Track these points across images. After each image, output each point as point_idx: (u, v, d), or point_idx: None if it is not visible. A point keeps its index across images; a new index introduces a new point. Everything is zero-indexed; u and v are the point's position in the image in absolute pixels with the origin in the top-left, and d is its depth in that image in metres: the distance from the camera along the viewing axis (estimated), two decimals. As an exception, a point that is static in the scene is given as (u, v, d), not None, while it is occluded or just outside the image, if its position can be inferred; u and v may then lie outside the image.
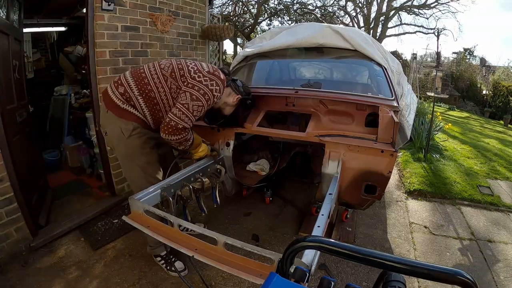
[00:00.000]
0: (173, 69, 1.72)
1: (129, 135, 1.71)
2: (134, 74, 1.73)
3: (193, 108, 1.66)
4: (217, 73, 1.77)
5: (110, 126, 1.75)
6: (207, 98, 1.69)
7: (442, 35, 13.84)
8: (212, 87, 1.71)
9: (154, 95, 1.71)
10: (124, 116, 1.69)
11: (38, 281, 1.84)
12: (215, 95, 1.73)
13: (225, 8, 13.38)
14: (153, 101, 1.72)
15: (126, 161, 1.82)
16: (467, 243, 2.43)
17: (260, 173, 2.67)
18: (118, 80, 1.75)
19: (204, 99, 1.68)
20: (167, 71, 1.72)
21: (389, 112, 1.88)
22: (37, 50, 4.32)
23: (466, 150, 4.82)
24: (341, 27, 2.65)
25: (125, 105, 1.70)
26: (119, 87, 1.71)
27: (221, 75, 1.79)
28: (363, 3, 14.72)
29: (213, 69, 1.78)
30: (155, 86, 1.71)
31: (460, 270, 0.50)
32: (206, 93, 1.68)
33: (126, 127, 1.70)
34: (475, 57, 17.10)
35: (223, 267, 1.15)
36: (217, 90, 1.73)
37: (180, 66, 1.74)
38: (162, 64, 1.76)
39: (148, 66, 1.77)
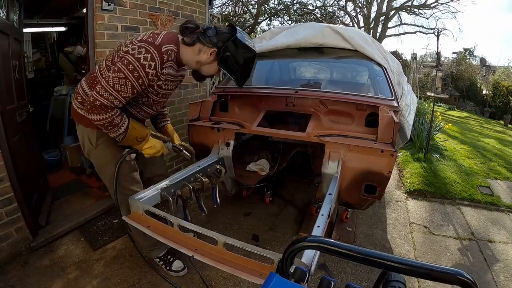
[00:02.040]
0: (113, 52, 1.51)
1: (96, 145, 1.61)
2: (87, 78, 1.60)
3: (113, 81, 1.37)
4: (151, 39, 1.43)
5: (81, 138, 1.65)
6: (131, 68, 1.38)
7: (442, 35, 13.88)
8: (140, 55, 1.38)
9: None
10: (88, 124, 1.56)
11: (38, 281, 1.84)
12: (144, 64, 1.38)
13: (225, 8, 13.39)
14: None
15: (100, 173, 1.73)
16: (467, 243, 2.43)
17: (260, 173, 2.67)
18: (76, 90, 1.62)
19: (126, 70, 1.37)
20: (109, 59, 1.51)
21: (389, 112, 1.88)
22: (37, 50, 4.32)
23: (466, 150, 4.82)
24: (341, 27, 2.65)
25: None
26: (77, 96, 1.59)
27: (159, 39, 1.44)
28: (363, 3, 14.73)
29: (149, 35, 1.46)
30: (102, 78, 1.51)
31: (460, 270, 0.50)
32: (131, 63, 1.38)
33: (92, 136, 1.60)
34: (475, 57, 17.15)
35: (223, 267, 1.15)
36: (147, 58, 1.38)
37: (119, 47, 1.50)
38: (108, 55, 1.55)
39: (99, 65, 1.59)
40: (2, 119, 1.89)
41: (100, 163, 1.68)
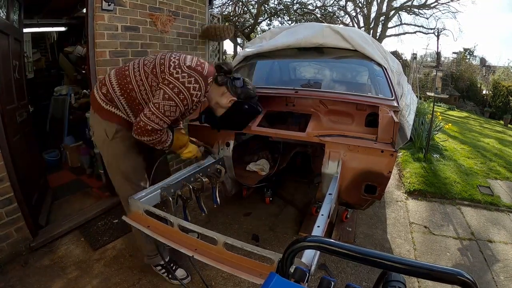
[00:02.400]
0: (155, 64, 1.56)
1: (112, 137, 1.62)
2: (118, 73, 1.62)
3: (164, 108, 1.48)
4: (199, 68, 1.53)
5: (96, 128, 1.67)
6: (182, 98, 1.49)
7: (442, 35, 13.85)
8: (190, 84, 1.49)
9: (135, 95, 1.58)
10: (108, 117, 1.60)
11: (38, 281, 1.84)
12: (192, 93, 1.51)
13: (225, 8, 13.40)
14: (134, 101, 1.60)
15: (109, 165, 1.72)
16: (467, 243, 2.43)
17: (260, 173, 2.67)
18: (102, 80, 1.65)
19: (177, 99, 1.49)
20: (149, 67, 1.57)
21: (389, 112, 1.88)
22: (37, 50, 4.32)
23: (466, 150, 4.82)
24: (341, 27, 2.65)
25: (108, 105, 1.59)
26: (102, 87, 1.61)
27: (206, 70, 1.55)
28: (363, 3, 14.72)
29: (197, 63, 1.55)
30: (136, 85, 1.57)
31: (460, 270, 0.50)
32: (181, 92, 1.48)
33: (109, 129, 1.61)
34: (475, 57, 17.14)
35: (223, 267, 1.15)
36: (195, 88, 1.50)
37: (162, 61, 1.57)
38: (146, 60, 1.62)
39: (133, 63, 1.63)
40: (2, 119, 1.89)
41: (112, 156, 1.67)
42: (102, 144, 1.68)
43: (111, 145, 1.64)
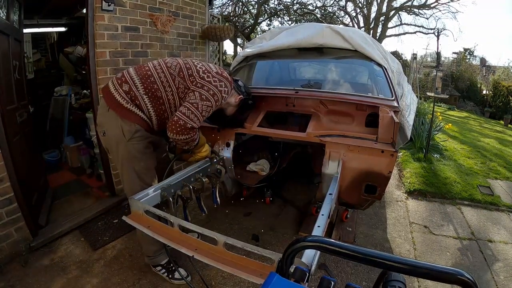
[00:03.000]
0: (181, 68, 1.68)
1: (131, 137, 1.62)
2: (139, 72, 1.65)
3: (202, 108, 1.61)
4: (225, 74, 1.74)
5: (111, 126, 1.64)
6: (216, 99, 1.66)
7: (442, 35, 13.85)
8: (222, 88, 1.68)
9: (161, 95, 1.65)
10: (128, 116, 1.61)
11: (38, 281, 1.84)
12: (223, 96, 1.70)
13: (225, 9, 13.41)
14: (159, 100, 1.66)
15: (123, 164, 1.71)
16: (467, 243, 2.43)
17: (260, 173, 2.67)
18: (121, 77, 1.65)
19: (213, 100, 1.65)
20: (174, 69, 1.67)
21: (389, 112, 1.88)
22: (37, 51, 4.32)
23: (466, 150, 4.82)
24: (341, 27, 2.65)
25: (129, 104, 1.61)
26: (123, 85, 1.61)
27: (228, 76, 1.76)
28: (363, 3, 14.73)
29: (220, 70, 1.76)
30: (161, 85, 1.64)
31: (460, 270, 0.50)
32: (216, 94, 1.65)
33: (128, 128, 1.61)
34: (475, 57, 17.13)
35: (223, 267, 1.15)
36: (225, 92, 1.70)
37: (188, 65, 1.70)
38: (168, 63, 1.70)
39: (154, 64, 1.70)
40: (2, 120, 1.89)
41: (128, 156, 1.67)
42: (116, 144, 1.66)
43: (128, 146, 1.64)
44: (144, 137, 1.67)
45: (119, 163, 1.73)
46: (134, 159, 1.68)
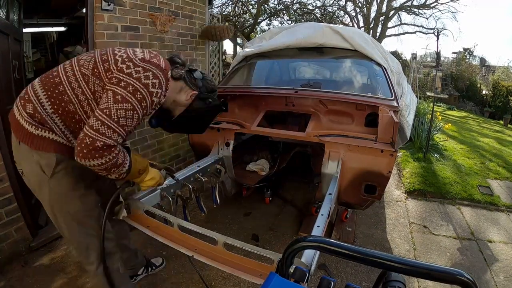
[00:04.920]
0: (96, 62, 1.18)
1: (52, 173, 1.19)
2: (45, 82, 1.19)
3: (118, 114, 1.09)
4: (155, 60, 1.20)
5: (26, 164, 1.22)
6: (140, 98, 1.13)
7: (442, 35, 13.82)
8: (148, 80, 1.15)
9: (74, 108, 1.17)
10: (42, 146, 1.16)
11: (38, 281, 1.84)
12: (152, 92, 1.16)
13: (225, 8, 13.38)
14: (74, 117, 1.18)
15: (53, 210, 1.28)
16: (466, 243, 2.43)
17: (260, 173, 2.67)
18: (24, 95, 1.18)
19: (134, 99, 1.12)
20: (87, 67, 1.18)
21: (389, 112, 1.88)
22: (37, 50, 4.33)
23: (466, 150, 4.82)
24: (341, 27, 2.65)
25: (40, 130, 1.15)
26: (27, 105, 1.15)
27: (162, 62, 1.23)
28: (363, 3, 14.72)
29: (150, 55, 1.22)
30: (73, 94, 1.16)
31: (460, 270, 0.50)
32: (138, 90, 1.12)
33: (46, 162, 1.18)
34: (474, 57, 17.13)
35: (223, 267, 1.15)
36: (155, 85, 1.16)
37: (104, 57, 1.19)
38: (81, 60, 1.21)
39: (64, 66, 1.22)
40: (1, 119, 1.89)
41: (55, 198, 1.24)
42: (38, 185, 1.24)
43: (52, 184, 1.21)
44: (71, 168, 1.22)
45: (48, 208, 1.29)
46: (65, 200, 1.26)
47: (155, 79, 1.16)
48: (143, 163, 1.33)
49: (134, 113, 1.13)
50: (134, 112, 1.13)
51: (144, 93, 1.14)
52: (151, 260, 1.97)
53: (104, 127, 1.07)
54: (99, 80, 1.16)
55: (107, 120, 1.08)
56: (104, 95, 1.13)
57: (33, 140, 1.16)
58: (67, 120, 1.18)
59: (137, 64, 1.16)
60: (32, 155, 1.18)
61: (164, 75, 1.21)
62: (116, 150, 1.11)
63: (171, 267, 2.01)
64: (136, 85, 1.13)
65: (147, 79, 1.15)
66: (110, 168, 1.12)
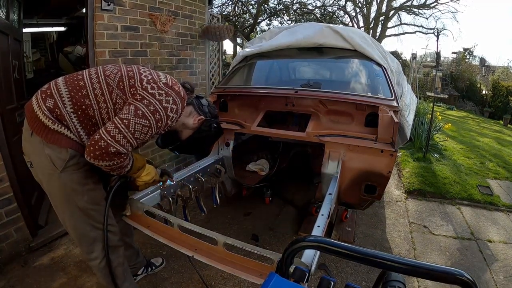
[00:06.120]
0: (122, 76, 1.28)
1: (64, 167, 1.24)
2: (69, 82, 1.27)
3: (135, 128, 1.19)
4: (176, 87, 1.33)
5: (37, 156, 1.26)
6: (158, 118, 1.24)
7: (442, 35, 13.86)
8: (168, 104, 1.27)
9: (93, 113, 1.25)
10: (56, 141, 1.22)
11: (38, 281, 1.84)
12: (169, 116, 1.28)
13: (225, 8, 13.38)
14: (91, 120, 1.26)
15: (61, 203, 1.33)
16: (466, 243, 2.43)
17: (260, 173, 2.68)
18: (46, 90, 1.25)
19: (153, 118, 1.23)
20: (113, 79, 1.28)
21: (389, 112, 1.88)
22: (36, 50, 4.32)
23: (466, 150, 4.82)
24: (341, 27, 2.65)
25: (56, 125, 1.21)
26: (48, 100, 1.22)
27: (181, 91, 1.37)
28: (363, 3, 14.74)
29: (172, 81, 1.35)
30: (95, 100, 1.25)
31: (460, 270, 0.50)
32: (158, 111, 1.24)
33: (58, 156, 1.23)
34: (474, 57, 17.12)
35: (223, 267, 1.15)
36: (173, 110, 1.29)
37: (131, 73, 1.30)
38: (107, 70, 1.31)
39: (89, 72, 1.30)
40: (1, 119, 1.89)
41: (65, 191, 1.29)
42: (48, 178, 1.28)
43: (62, 178, 1.26)
44: (82, 164, 1.28)
45: (56, 201, 1.34)
46: (74, 194, 1.30)
47: (174, 105, 1.29)
48: (142, 161, 1.42)
49: (149, 129, 1.24)
50: (149, 129, 1.24)
51: (162, 114, 1.26)
52: (151, 260, 1.98)
53: (120, 136, 1.17)
54: (123, 93, 1.27)
55: (125, 130, 1.18)
56: (126, 107, 1.23)
57: (48, 133, 1.22)
58: (84, 122, 1.25)
59: (161, 87, 1.28)
60: (44, 148, 1.22)
61: (182, 103, 1.34)
62: (124, 156, 1.22)
63: (171, 267, 2.01)
64: (157, 106, 1.25)
65: (167, 103, 1.27)
66: (115, 169, 1.24)
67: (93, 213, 1.36)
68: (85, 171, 1.30)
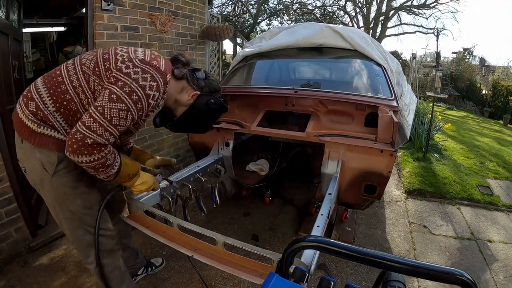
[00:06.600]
0: (97, 61, 1.18)
1: (54, 171, 1.20)
2: (47, 80, 1.20)
3: (111, 113, 1.09)
4: (155, 62, 1.20)
5: (29, 162, 1.23)
6: (135, 99, 1.13)
7: (442, 35, 13.86)
8: (145, 82, 1.14)
9: (76, 107, 1.18)
10: (45, 144, 1.17)
11: (38, 281, 1.84)
12: (149, 94, 1.16)
13: (225, 8, 13.40)
14: (76, 115, 1.18)
15: (54, 207, 1.30)
16: (466, 242, 2.43)
17: (259, 173, 2.68)
18: (27, 93, 1.20)
19: (130, 101, 1.12)
20: (89, 66, 1.18)
21: (389, 112, 1.88)
22: (36, 50, 4.33)
23: (465, 149, 4.82)
24: (341, 27, 2.65)
25: (42, 127, 1.17)
26: (29, 103, 1.16)
27: (163, 65, 1.22)
28: (363, 3, 14.73)
29: (151, 56, 1.22)
30: (74, 93, 1.17)
31: (460, 270, 0.50)
32: (134, 91, 1.12)
33: (48, 160, 1.19)
34: (474, 57, 17.11)
35: (223, 267, 1.15)
36: (153, 88, 1.16)
37: (106, 56, 1.19)
38: (84, 58, 1.21)
39: (67, 65, 1.22)
40: (1, 119, 1.89)
41: (57, 196, 1.26)
42: (40, 183, 1.25)
43: (54, 182, 1.22)
44: (73, 167, 1.23)
45: (51, 206, 1.32)
46: (66, 198, 1.26)
47: (153, 82, 1.16)
48: (134, 168, 1.31)
49: (128, 113, 1.13)
50: (128, 112, 1.13)
51: (140, 94, 1.14)
52: (151, 260, 1.98)
53: (95, 125, 1.07)
54: (99, 79, 1.17)
55: (100, 118, 1.08)
56: (101, 93, 1.13)
57: (35, 138, 1.17)
58: (69, 119, 1.19)
59: (136, 64, 1.16)
60: (35, 153, 1.19)
61: (163, 78, 1.20)
62: (106, 150, 1.12)
63: (171, 267, 2.01)
64: (133, 86, 1.13)
65: (144, 81, 1.14)
66: (98, 168, 1.13)
67: (85, 217, 1.31)
68: (76, 174, 1.25)
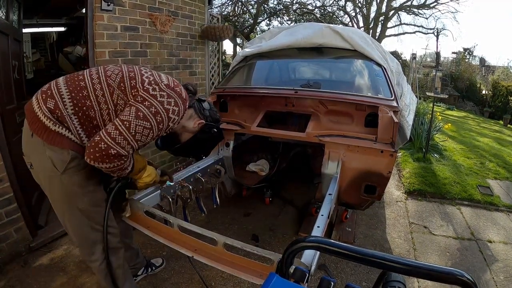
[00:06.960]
0: (123, 77, 1.26)
1: (65, 169, 1.22)
2: (70, 82, 1.24)
3: (136, 129, 1.18)
4: (178, 89, 1.31)
5: (37, 157, 1.24)
6: (159, 120, 1.23)
7: (442, 35, 13.86)
8: (169, 106, 1.25)
9: (94, 114, 1.23)
10: (57, 142, 1.20)
11: (38, 281, 1.83)
12: (171, 118, 1.27)
13: (225, 8, 13.39)
14: (92, 122, 1.23)
15: (61, 205, 1.32)
16: (466, 243, 2.43)
17: (260, 174, 2.67)
18: (47, 90, 1.23)
19: (154, 120, 1.21)
20: (114, 80, 1.25)
21: (389, 112, 1.88)
22: (36, 51, 4.32)
23: (465, 150, 4.83)
24: (341, 27, 2.65)
25: (57, 126, 1.19)
26: (48, 100, 1.19)
27: (183, 93, 1.34)
28: (363, 3, 14.74)
29: (174, 83, 1.33)
30: (96, 101, 1.22)
31: (460, 270, 0.50)
32: (159, 113, 1.22)
33: (59, 157, 1.21)
34: (474, 57, 17.12)
35: (223, 268, 1.15)
36: (175, 112, 1.27)
37: (132, 74, 1.28)
38: (109, 71, 1.28)
39: (90, 72, 1.28)
40: (1, 119, 1.89)
41: (65, 193, 1.28)
42: (49, 180, 1.27)
43: (63, 180, 1.24)
44: (83, 166, 1.26)
45: (56, 203, 1.33)
46: (75, 196, 1.29)
47: (175, 107, 1.28)
48: (143, 162, 1.43)
49: (150, 131, 1.23)
50: (150, 131, 1.22)
51: (164, 116, 1.24)
52: (151, 260, 1.98)
53: (121, 138, 1.15)
54: (124, 94, 1.24)
55: (125, 132, 1.16)
56: (127, 109, 1.21)
57: (49, 135, 1.19)
58: (85, 124, 1.23)
59: (162, 88, 1.26)
60: (45, 150, 1.21)
61: (183, 105, 1.33)
62: (125, 159, 1.21)
63: (171, 267, 2.01)
64: (158, 107, 1.23)
65: (169, 105, 1.25)
66: (116, 171, 1.22)
67: (93, 215, 1.34)
68: (86, 172, 1.29)
